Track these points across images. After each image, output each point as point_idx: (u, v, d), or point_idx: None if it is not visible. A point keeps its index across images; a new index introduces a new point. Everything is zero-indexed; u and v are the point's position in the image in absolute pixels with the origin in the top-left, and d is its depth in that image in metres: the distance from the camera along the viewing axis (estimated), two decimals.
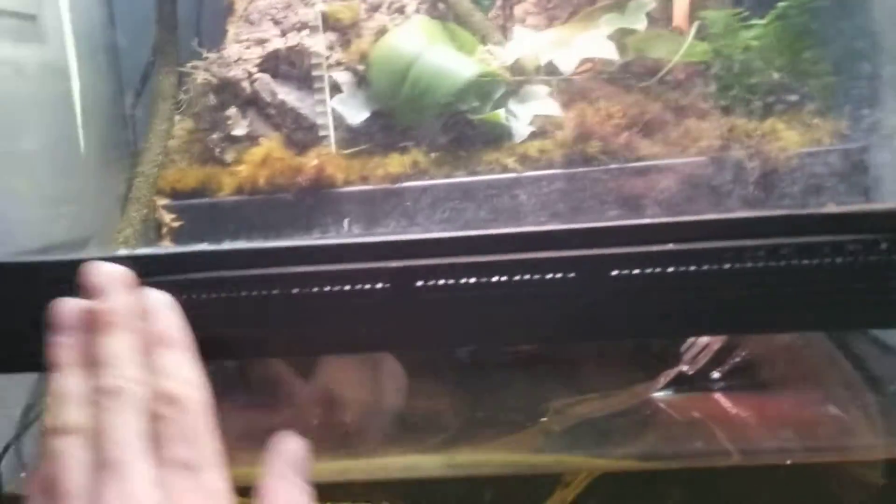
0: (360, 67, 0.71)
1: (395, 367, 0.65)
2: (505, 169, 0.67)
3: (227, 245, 0.45)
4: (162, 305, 0.38)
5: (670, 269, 0.40)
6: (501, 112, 0.68)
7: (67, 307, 0.37)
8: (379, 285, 0.44)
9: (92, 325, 0.37)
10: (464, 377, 0.71)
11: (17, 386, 0.65)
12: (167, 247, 0.64)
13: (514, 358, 0.80)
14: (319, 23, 0.71)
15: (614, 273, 0.41)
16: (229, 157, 0.70)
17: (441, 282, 0.44)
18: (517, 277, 0.44)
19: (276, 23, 0.73)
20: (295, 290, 0.44)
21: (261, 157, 0.66)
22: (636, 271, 0.40)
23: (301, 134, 0.71)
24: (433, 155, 0.68)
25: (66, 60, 0.83)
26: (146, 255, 0.45)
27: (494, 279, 0.44)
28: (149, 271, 0.43)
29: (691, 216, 0.42)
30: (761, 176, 0.61)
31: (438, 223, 0.66)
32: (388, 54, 0.70)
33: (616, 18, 0.70)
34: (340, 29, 0.73)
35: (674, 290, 0.40)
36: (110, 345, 0.37)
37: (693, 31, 0.70)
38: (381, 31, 0.72)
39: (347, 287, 0.44)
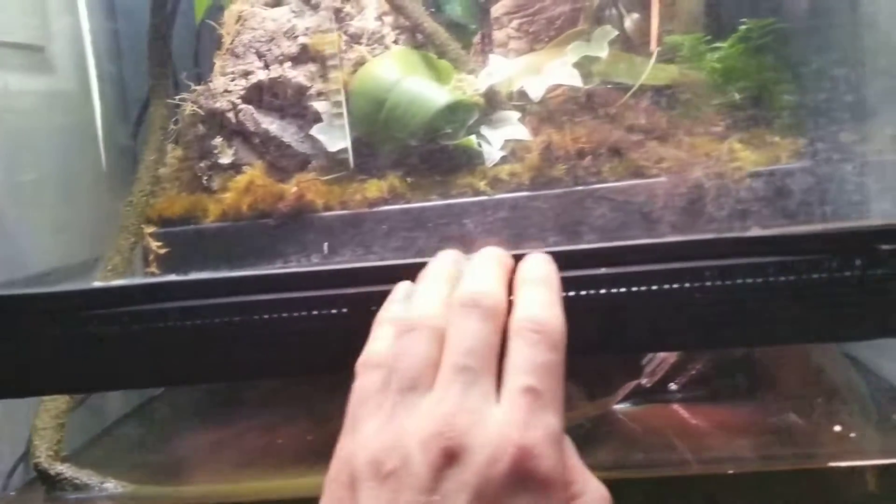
0: (340, 97, 0.74)
1: None
2: (477, 192, 0.70)
3: (192, 276, 0.49)
4: (539, 257, 0.40)
5: (602, 292, 0.43)
6: (473, 138, 0.71)
7: None
8: (336, 311, 0.47)
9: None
10: None
11: (25, 403, 0.69)
12: (135, 278, 0.68)
13: None
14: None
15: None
16: (216, 184, 0.74)
17: None
18: None
19: (260, 56, 0.77)
20: (257, 317, 0.47)
21: (244, 185, 0.70)
22: (572, 293, 0.43)
23: (285, 161, 0.74)
24: (409, 180, 0.72)
25: (74, 90, 0.88)
26: (100, 288, 0.48)
27: None
28: (118, 302, 0.46)
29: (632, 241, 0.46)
30: (716, 196, 0.64)
31: (415, 243, 0.70)
32: (366, 84, 0.73)
33: (582, 47, 0.74)
34: (321, 60, 0.76)
35: (604, 311, 0.43)
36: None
37: (654, 56, 0.73)
38: (360, 62, 0.76)
39: (306, 313, 0.47)
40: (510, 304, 0.37)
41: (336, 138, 0.73)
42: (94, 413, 0.76)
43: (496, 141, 0.73)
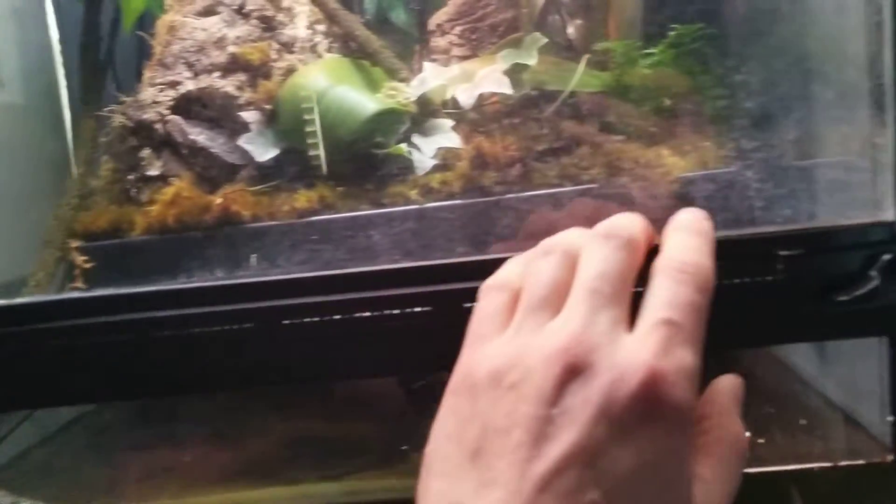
0: (268, 107, 0.74)
1: None
2: (408, 201, 0.70)
3: (98, 291, 0.48)
4: (696, 211, 0.38)
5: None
6: (404, 146, 0.71)
7: None
8: (246, 325, 0.47)
9: None
10: (395, 403, 0.74)
11: None
12: (45, 295, 0.66)
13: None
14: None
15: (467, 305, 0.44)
16: (144, 196, 0.73)
17: (306, 319, 0.47)
18: (379, 312, 0.47)
19: (189, 66, 0.76)
20: (167, 333, 0.46)
21: (170, 196, 0.69)
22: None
23: (213, 172, 0.73)
24: (340, 189, 0.71)
25: (25, 103, 0.87)
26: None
27: (357, 315, 0.47)
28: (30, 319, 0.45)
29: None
30: (642, 201, 0.64)
31: (341, 253, 0.69)
32: (295, 93, 0.73)
33: (512, 54, 0.74)
34: (251, 69, 0.75)
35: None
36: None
37: (583, 63, 0.73)
38: (290, 71, 0.75)
39: (217, 328, 0.46)
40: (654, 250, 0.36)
41: (264, 148, 0.72)
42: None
43: (428, 149, 0.73)
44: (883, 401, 0.48)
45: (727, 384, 0.38)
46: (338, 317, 0.46)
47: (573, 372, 0.31)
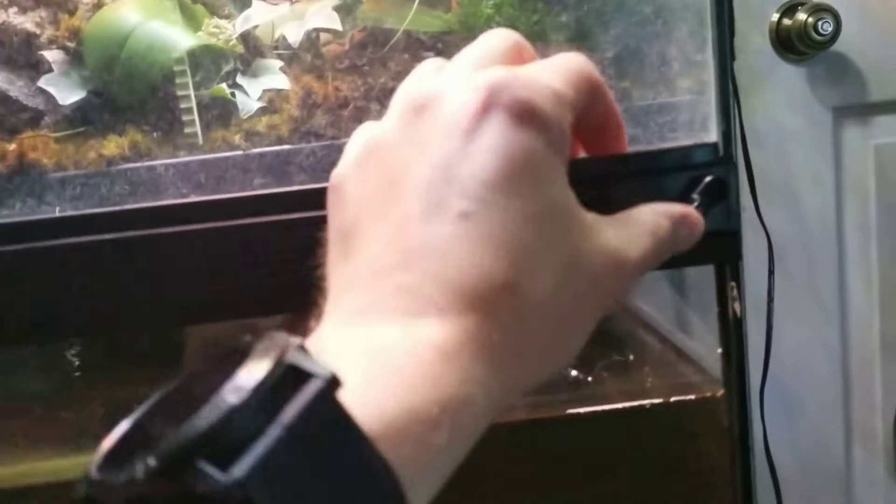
0: (72, 44, 0.66)
1: None
2: (231, 146, 0.65)
3: None
4: None
5: None
6: (225, 87, 0.65)
7: None
8: None
9: None
10: None
11: None
12: None
13: None
14: None
15: None
16: None
17: None
18: None
19: None
20: None
21: None
22: None
23: (13, 118, 0.66)
24: (155, 135, 0.65)
25: None
26: None
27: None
28: None
29: None
30: None
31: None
32: (103, 30, 0.66)
33: None
34: (52, 4, 0.68)
35: None
36: None
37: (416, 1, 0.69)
38: (98, 6, 0.68)
39: None
40: None
41: (69, 90, 0.65)
42: None
43: (254, 91, 0.67)
44: (714, 333, 0.47)
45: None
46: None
47: (418, 111, 0.32)
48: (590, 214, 0.32)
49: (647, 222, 0.34)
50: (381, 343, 0.26)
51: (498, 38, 0.34)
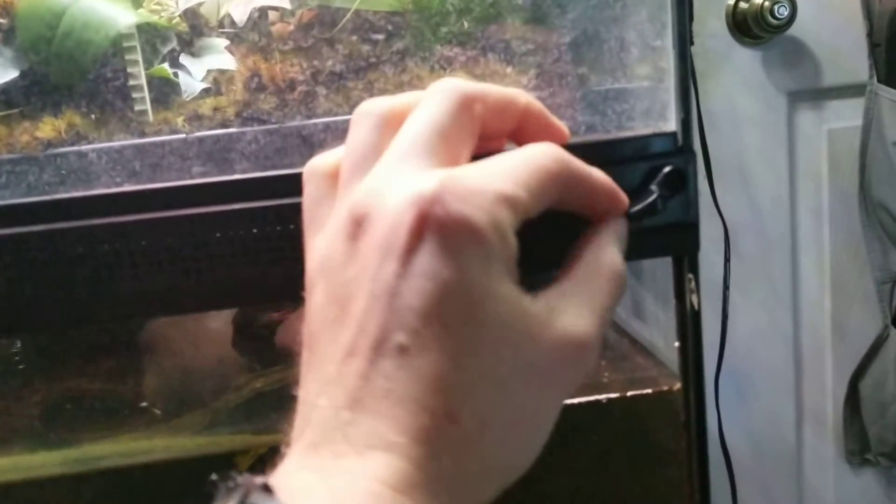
0: (3, 21, 0.63)
1: None
2: (173, 130, 0.62)
3: None
4: None
5: None
6: (167, 66, 0.63)
7: None
8: None
9: None
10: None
11: None
12: None
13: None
14: None
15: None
16: None
17: None
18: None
19: None
20: None
21: None
22: None
23: None
24: (93, 116, 0.62)
25: None
26: None
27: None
28: None
29: None
30: None
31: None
32: (36, 6, 0.62)
33: None
34: None
35: None
36: None
37: None
38: None
39: None
40: None
41: (1, 69, 0.62)
42: None
43: (198, 71, 0.64)
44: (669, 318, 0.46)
45: (607, 223, 0.35)
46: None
47: (358, 225, 0.30)
48: (538, 303, 0.30)
49: (601, 269, 0.33)
50: (339, 480, 0.27)
51: (446, 104, 0.32)
